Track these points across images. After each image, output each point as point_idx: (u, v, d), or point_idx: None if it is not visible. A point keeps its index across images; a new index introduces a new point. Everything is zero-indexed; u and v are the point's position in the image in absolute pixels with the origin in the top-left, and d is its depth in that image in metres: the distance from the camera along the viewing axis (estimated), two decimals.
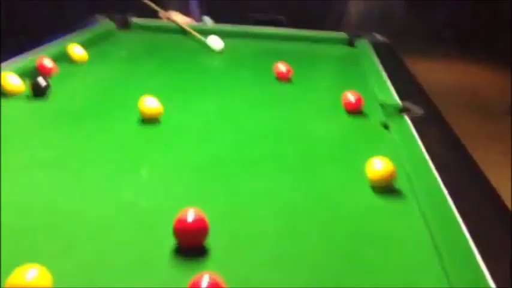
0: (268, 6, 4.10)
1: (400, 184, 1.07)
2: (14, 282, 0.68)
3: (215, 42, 2.09)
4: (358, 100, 1.49)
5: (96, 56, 1.85)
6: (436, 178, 1.03)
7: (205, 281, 0.68)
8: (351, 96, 1.50)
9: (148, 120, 1.32)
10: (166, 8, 2.52)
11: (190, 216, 0.83)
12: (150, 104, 1.32)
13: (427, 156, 1.12)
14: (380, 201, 1.03)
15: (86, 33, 2.04)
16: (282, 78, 1.74)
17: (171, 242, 0.81)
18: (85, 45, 1.89)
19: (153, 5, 2.52)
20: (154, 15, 2.48)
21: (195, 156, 1.18)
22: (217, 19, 2.57)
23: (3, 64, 1.52)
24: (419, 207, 0.99)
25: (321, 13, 4.02)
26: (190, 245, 0.81)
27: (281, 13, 3.99)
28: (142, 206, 0.94)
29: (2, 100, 1.36)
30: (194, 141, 1.27)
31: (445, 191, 0.98)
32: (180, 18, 2.43)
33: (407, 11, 8.91)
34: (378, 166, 1.08)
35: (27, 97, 1.41)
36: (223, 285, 0.70)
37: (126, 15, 2.37)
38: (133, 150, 1.19)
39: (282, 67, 1.74)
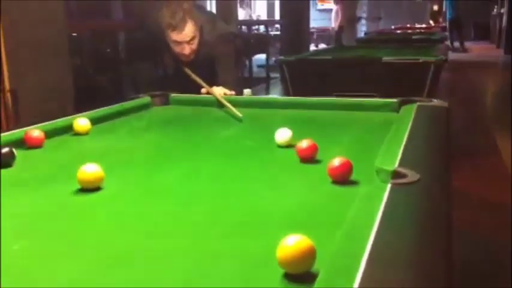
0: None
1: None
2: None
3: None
4: (343, 166, 1.20)
5: (104, 128, 1.82)
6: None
7: None
8: (336, 162, 1.22)
9: (87, 187, 1.18)
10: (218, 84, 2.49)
11: None
12: (86, 170, 1.19)
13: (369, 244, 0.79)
14: None
15: (111, 108, 2.03)
16: (303, 157, 1.40)
17: None
18: (101, 118, 1.89)
19: (199, 79, 2.50)
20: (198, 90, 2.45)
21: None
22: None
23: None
24: None
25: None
26: None
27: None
28: None
29: None
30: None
31: None
32: (221, 91, 2.35)
33: None
34: (289, 244, 0.79)
35: None
36: None
37: (166, 93, 2.35)
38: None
39: (302, 144, 1.40)
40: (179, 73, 2.80)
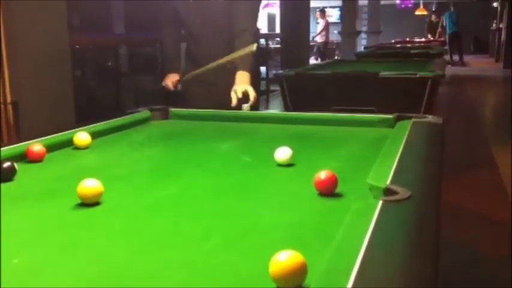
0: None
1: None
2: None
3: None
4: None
5: (104, 143, 1.86)
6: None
7: None
8: (322, 175, 1.26)
9: (87, 202, 1.21)
10: None
11: None
12: (86, 185, 1.22)
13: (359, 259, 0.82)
14: None
15: (111, 122, 2.06)
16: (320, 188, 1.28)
17: None
18: (101, 132, 1.92)
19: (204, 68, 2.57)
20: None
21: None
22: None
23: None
24: None
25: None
26: None
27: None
28: None
29: None
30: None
31: None
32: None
33: None
34: (281, 260, 0.82)
35: None
36: None
37: (166, 107, 2.38)
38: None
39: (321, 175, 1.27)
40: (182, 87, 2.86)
